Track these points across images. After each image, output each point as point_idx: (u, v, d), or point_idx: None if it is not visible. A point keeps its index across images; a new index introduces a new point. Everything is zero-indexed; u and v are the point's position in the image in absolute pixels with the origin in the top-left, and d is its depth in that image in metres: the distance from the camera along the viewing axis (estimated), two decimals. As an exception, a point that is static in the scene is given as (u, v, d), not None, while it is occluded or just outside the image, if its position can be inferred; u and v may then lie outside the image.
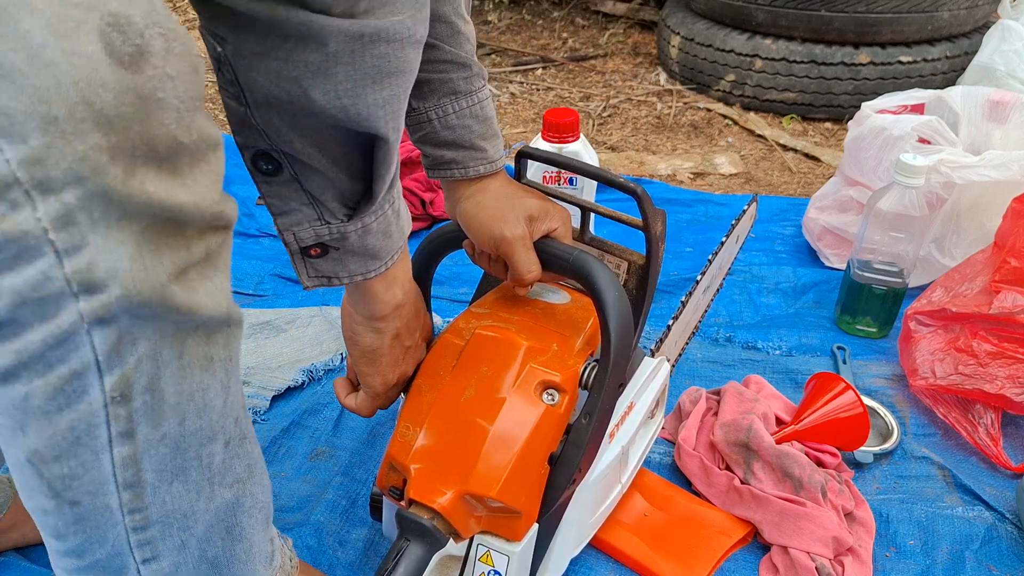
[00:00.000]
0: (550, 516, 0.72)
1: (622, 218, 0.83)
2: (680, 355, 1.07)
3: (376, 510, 0.81)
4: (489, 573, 0.71)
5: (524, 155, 0.81)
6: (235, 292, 1.28)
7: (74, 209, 0.37)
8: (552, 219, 0.75)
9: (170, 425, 0.48)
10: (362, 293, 0.67)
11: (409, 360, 0.75)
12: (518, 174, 0.83)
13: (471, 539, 0.71)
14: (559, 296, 0.80)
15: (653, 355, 0.90)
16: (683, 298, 1.00)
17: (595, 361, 0.73)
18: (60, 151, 0.36)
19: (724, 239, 1.07)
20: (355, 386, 0.78)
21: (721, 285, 1.19)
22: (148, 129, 0.38)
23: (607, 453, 0.77)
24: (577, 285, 0.79)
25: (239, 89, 0.51)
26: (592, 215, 0.84)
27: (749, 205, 1.14)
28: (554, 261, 0.73)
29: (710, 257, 1.04)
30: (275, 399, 1.06)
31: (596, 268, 0.71)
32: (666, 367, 0.88)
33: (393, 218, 0.62)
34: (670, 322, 0.96)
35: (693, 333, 1.12)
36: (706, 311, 1.16)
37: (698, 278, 1.02)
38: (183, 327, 0.45)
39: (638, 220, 0.81)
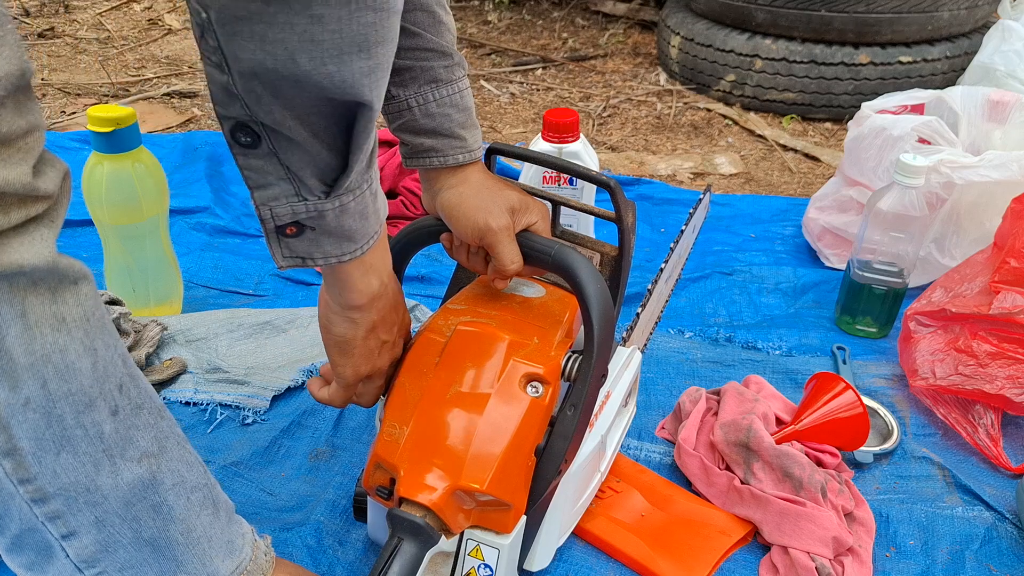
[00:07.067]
0: (536, 508, 0.73)
1: (594, 211, 0.83)
2: (647, 343, 1.07)
3: (360, 511, 0.81)
4: (480, 567, 0.72)
5: (494, 151, 0.82)
6: (235, 292, 1.28)
7: None
8: (532, 213, 0.76)
9: (31, 388, 0.50)
10: (338, 279, 0.66)
11: (384, 355, 0.74)
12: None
13: (461, 534, 0.72)
14: (534, 290, 0.80)
15: (625, 344, 0.90)
16: (648, 286, 1.00)
17: (575, 353, 0.74)
18: None
19: (683, 228, 1.07)
20: (328, 380, 0.77)
21: (679, 276, 1.19)
22: None
23: (587, 443, 0.78)
24: (555, 278, 0.79)
25: (222, 56, 0.50)
26: (562, 208, 0.85)
27: (704, 194, 1.15)
28: (535, 255, 0.74)
29: (671, 245, 1.04)
30: (275, 399, 1.06)
31: (578, 261, 0.71)
32: (638, 356, 0.89)
33: (371, 200, 0.62)
34: (639, 310, 0.97)
35: (658, 321, 1.12)
36: (667, 300, 1.16)
37: (662, 267, 1.02)
38: (15, 283, 0.47)
39: (610, 212, 0.82)
